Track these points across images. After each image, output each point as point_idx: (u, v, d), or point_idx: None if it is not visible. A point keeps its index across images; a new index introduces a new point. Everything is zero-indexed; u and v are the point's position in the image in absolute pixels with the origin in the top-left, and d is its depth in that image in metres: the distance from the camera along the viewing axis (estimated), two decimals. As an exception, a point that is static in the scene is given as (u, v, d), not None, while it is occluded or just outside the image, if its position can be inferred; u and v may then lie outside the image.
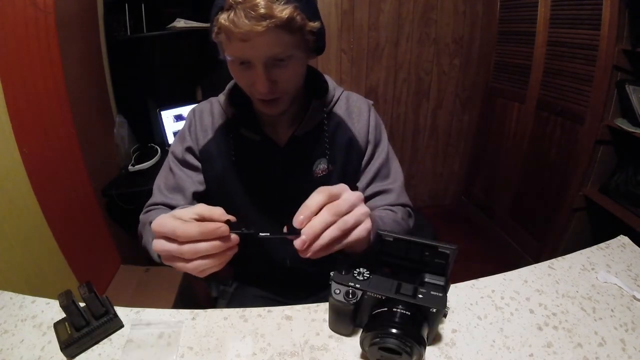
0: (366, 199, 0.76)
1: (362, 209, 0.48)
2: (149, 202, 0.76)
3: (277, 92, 0.61)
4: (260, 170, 0.73)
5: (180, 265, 0.45)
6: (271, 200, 0.73)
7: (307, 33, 0.58)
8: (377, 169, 0.76)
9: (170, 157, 0.77)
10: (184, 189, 0.74)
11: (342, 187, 0.48)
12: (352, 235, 0.47)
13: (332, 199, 0.46)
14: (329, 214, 0.45)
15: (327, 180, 0.73)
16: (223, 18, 0.52)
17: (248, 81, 0.60)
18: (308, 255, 0.45)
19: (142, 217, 0.73)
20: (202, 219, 0.45)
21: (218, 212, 0.45)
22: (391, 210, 0.73)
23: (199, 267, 0.44)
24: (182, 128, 0.77)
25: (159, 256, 0.60)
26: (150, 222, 0.61)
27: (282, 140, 0.72)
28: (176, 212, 0.46)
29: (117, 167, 1.66)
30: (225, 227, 0.44)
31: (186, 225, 0.43)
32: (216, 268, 0.46)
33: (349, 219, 0.46)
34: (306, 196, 0.52)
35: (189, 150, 0.74)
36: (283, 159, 0.72)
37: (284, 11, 0.51)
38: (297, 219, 0.44)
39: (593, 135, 1.47)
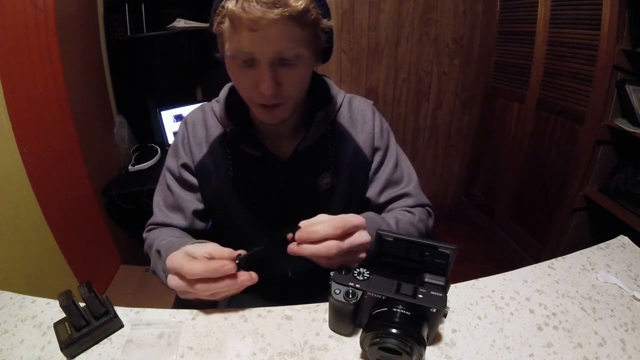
0: (382, 207, 0.74)
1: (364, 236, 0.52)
2: (150, 220, 0.73)
3: (281, 96, 0.56)
4: (261, 185, 0.69)
5: (193, 297, 0.50)
6: (273, 216, 0.70)
7: (319, 30, 0.55)
8: (388, 175, 0.73)
9: (166, 173, 0.73)
10: (183, 208, 0.71)
11: (355, 222, 0.52)
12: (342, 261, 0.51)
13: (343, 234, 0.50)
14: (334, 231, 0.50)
15: (331, 194, 0.70)
16: (231, 3, 0.48)
17: (249, 83, 0.56)
18: (295, 250, 0.50)
19: (145, 235, 0.72)
20: (211, 258, 0.49)
21: (227, 252, 0.50)
22: (410, 212, 0.70)
23: (212, 298, 0.50)
24: (175, 141, 0.72)
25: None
26: (158, 250, 0.64)
27: (285, 155, 0.68)
28: (189, 248, 0.50)
29: (117, 167, 1.66)
30: (230, 265, 0.48)
31: (192, 263, 0.48)
32: (230, 294, 0.51)
33: (345, 246, 0.50)
34: (310, 210, 0.52)
35: (185, 166, 0.70)
36: (285, 174, 0.68)
37: (299, 1, 0.48)
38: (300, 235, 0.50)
39: (593, 135, 1.47)
